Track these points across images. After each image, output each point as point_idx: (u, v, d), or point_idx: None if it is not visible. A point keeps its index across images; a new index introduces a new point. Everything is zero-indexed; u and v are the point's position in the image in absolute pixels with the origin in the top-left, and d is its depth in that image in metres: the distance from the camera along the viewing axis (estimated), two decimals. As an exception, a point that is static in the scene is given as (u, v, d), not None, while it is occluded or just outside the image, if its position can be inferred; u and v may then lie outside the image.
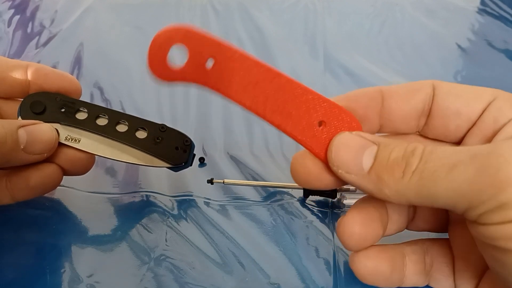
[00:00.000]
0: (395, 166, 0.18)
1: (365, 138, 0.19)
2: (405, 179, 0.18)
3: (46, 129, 0.24)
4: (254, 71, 0.19)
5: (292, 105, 0.19)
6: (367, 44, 0.45)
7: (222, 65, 0.18)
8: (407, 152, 0.18)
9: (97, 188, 0.30)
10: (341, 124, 0.20)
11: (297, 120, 0.20)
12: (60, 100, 0.26)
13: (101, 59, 0.43)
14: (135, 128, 0.26)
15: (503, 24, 0.48)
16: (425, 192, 0.17)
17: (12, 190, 0.25)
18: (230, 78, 0.18)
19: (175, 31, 0.17)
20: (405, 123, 0.22)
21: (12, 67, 0.25)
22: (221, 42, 0.18)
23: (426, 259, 0.22)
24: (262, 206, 0.29)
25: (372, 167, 0.18)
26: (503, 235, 0.16)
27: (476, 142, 0.21)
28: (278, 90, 0.19)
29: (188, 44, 0.18)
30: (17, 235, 0.27)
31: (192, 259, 0.25)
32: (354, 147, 0.19)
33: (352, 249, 0.21)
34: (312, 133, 0.20)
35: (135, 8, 0.50)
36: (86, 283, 0.24)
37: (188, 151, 0.27)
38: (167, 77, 0.18)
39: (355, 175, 0.19)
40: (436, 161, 0.17)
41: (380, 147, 0.19)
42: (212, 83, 0.19)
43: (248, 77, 0.19)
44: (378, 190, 0.18)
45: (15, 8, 0.50)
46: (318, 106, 0.20)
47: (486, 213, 0.16)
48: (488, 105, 0.20)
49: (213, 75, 0.18)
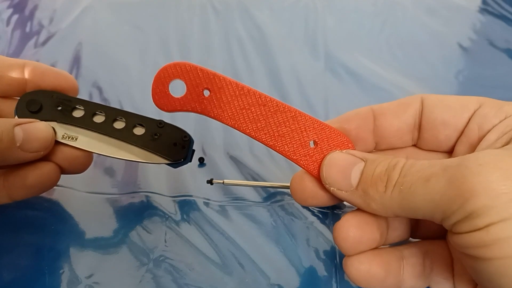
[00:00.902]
0: (378, 180, 0.19)
1: (354, 155, 0.20)
2: (387, 193, 0.18)
3: (42, 127, 0.24)
4: (246, 97, 0.21)
5: (285, 128, 0.21)
6: (368, 43, 0.45)
7: (216, 94, 0.20)
8: (389, 167, 0.19)
9: (95, 189, 0.30)
10: (333, 143, 0.21)
11: (290, 141, 0.21)
12: (56, 98, 0.26)
13: (100, 58, 0.42)
14: (132, 125, 0.26)
15: (504, 24, 0.48)
16: (405, 205, 0.18)
17: (9, 189, 0.25)
18: (224, 105, 0.21)
19: (173, 67, 0.20)
20: (398, 138, 0.23)
21: (9, 65, 0.25)
22: (215, 74, 0.20)
23: (425, 261, 0.22)
24: (262, 206, 0.29)
25: (359, 183, 0.20)
26: (472, 243, 0.16)
27: (464, 150, 0.21)
28: (271, 114, 0.21)
29: (185, 79, 0.20)
30: (15, 236, 0.26)
31: (191, 260, 0.25)
32: (343, 165, 0.20)
33: (347, 253, 0.21)
34: (305, 153, 0.21)
35: (134, 7, 0.50)
36: (85, 284, 0.24)
37: (187, 147, 0.26)
38: (169, 108, 0.21)
39: (345, 192, 0.20)
40: (413, 175, 0.18)
41: (367, 162, 0.20)
42: (209, 111, 0.21)
43: (241, 103, 0.21)
44: (366, 204, 0.19)
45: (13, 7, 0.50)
46: (311, 127, 0.21)
47: (457, 222, 0.17)
48: (473, 113, 0.21)
49: (209, 103, 0.21)
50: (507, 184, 0.16)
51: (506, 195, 0.16)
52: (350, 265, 0.21)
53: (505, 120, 0.20)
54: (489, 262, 0.16)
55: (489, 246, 0.16)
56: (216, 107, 0.21)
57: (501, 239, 0.16)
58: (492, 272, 0.16)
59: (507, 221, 0.15)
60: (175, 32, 0.46)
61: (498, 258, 0.16)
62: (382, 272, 0.21)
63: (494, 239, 0.16)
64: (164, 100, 0.21)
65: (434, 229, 0.23)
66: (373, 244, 0.21)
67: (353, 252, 0.21)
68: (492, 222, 0.16)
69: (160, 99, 0.21)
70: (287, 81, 0.39)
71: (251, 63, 0.41)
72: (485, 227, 0.16)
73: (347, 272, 0.22)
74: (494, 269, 0.16)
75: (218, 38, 0.45)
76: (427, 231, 0.23)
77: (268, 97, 0.21)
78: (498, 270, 0.16)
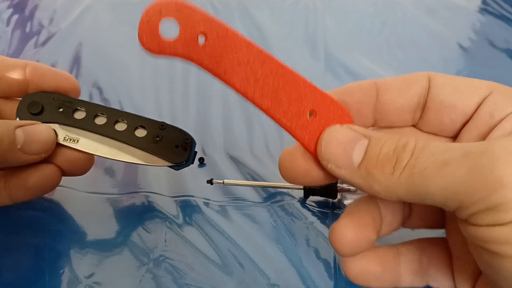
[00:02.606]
0: (386, 161, 0.17)
1: (356, 131, 0.19)
2: (395, 175, 0.17)
3: (43, 129, 0.24)
4: (245, 50, 0.18)
5: (283, 91, 0.19)
6: (368, 44, 0.45)
7: (213, 42, 0.18)
8: (398, 147, 0.17)
9: (96, 189, 0.30)
10: (333, 116, 0.19)
11: (287, 106, 0.19)
12: (57, 99, 0.26)
13: (100, 58, 0.42)
14: (134, 127, 0.26)
15: (504, 24, 0.48)
16: (415, 189, 0.17)
17: (10, 191, 0.25)
18: (220, 56, 0.18)
19: (165, 3, 0.17)
20: (400, 116, 0.21)
21: (10, 66, 0.25)
22: (213, 18, 0.18)
23: (422, 258, 0.22)
24: (262, 207, 0.29)
25: (362, 162, 0.18)
26: (493, 238, 0.15)
27: (472, 137, 0.20)
28: (269, 73, 0.19)
29: (179, 18, 0.18)
30: (16, 236, 0.27)
31: (191, 260, 0.25)
32: (345, 141, 0.18)
33: (346, 255, 0.21)
34: (302, 122, 0.19)
35: (134, 7, 0.50)
36: (85, 284, 0.24)
37: (189, 149, 0.26)
38: (157, 50, 0.18)
39: (345, 170, 0.18)
40: (427, 157, 0.16)
41: (371, 141, 0.18)
42: (202, 60, 0.18)
43: (239, 57, 0.18)
44: (368, 185, 0.18)
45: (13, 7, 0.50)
46: (310, 95, 0.19)
47: (477, 213, 0.16)
48: (483, 99, 0.20)
49: (203, 51, 0.18)
50: None
51: None
52: (347, 262, 0.21)
53: None
54: (509, 260, 0.15)
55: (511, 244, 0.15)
56: (210, 56, 0.18)
57: None
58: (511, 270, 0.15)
59: None
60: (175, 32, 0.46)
61: None
62: (379, 269, 0.21)
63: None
64: (152, 41, 0.18)
65: (427, 219, 0.22)
66: (369, 245, 0.21)
67: (350, 255, 0.21)
68: None
69: (148, 39, 0.18)
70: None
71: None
72: (509, 222, 0.15)
73: (343, 269, 0.21)
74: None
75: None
76: (419, 221, 0.23)
77: (268, 55, 0.19)
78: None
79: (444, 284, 0.22)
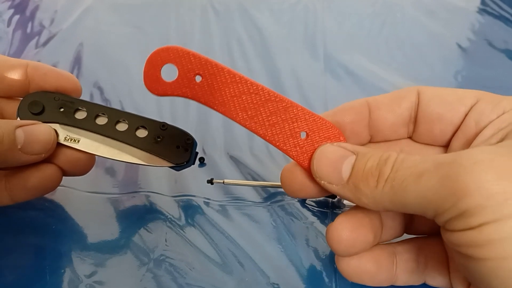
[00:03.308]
0: (369, 175, 0.18)
1: (345, 148, 0.20)
2: (378, 188, 0.18)
3: (44, 129, 0.24)
4: (238, 85, 0.20)
5: (276, 117, 0.21)
6: (367, 44, 0.45)
7: (208, 80, 0.20)
8: (381, 161, 0.18)
9: (96, 188, 0.30)
10: (325, 135, 0.21)
11: (281, 131, 0.21)
12: (58, 99, 0.26)
13: (101, 59, 0.43)
14: (135, 127, 0.26)
15: (503, 24, 0.48)
16: (397, 200, 0.18)
17: (11, 191, 0.25)
18: (216, 91, 0.20)
19: (165, 51, 0.20)
20: (393, 131, 0.22)
21: (12, 66, 0.25)
22: (207, 59, 0.20)
23: (419, 257, 0.22)
24: (262, 206, 0.29)
25: (350, 177, 0.19)
26: (465, 242, 0.16)
27: (460, 145, 0.21)
28: (262, 103, 0.21)
29: (177, 63, 0.20)
30: (16, 236, 0.27)
31: (191, 259, 0.25)
32: (334, 158, 0.20)
33: (341, 255, 0.22)
34: (296, 144, 0.21)
35: (135, 8, 0.50)
36: (86, 283, 0.24)
37: (190, 150, 0.26)
38: (160, 92, 0.21)
39: (336, 186, 0.20)
40: (405, 170, 0.18)
41: (358, 156, 0.19)
42: (200, 97, 0.20)
43: (233, 91, 0.20)
44: (357, 198, 0.19)
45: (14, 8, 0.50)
46: (303, 118, 0.21)
47: (450, 220, 0.17)
48: (470, 108, 0.20)
49: (200, 89, 0.20)
50: (500, 184, 0.15)
51: (500, 195, 0.15)
52: (342, 260, 0.22)
53: (503, 115, 0.20)
54: (481, 262, 0.16)
55: (481, 246, 0.16)
56: (207, 93, 0.20)
57: (493, 239, 0.15)
58: (484, 272, 0.16)
59: (500, 221, 0.15)
60: (175, 33, 0.46)
61: (490, 259, 0.16)
62: (373, 267, 0.22)
63: (487, 239, 0.16)
64: (155, 84, 0.20)
65: (429, 225, 0.23)
66: (366, 246, 0.21)
67: (347, 254, 0.21)
68: (485, 222, 0.15)
69: (151, 83, 0.20)
70: (286, 82, 0.39)
71: (251, 64, 0.42)
72: (478, 226, 0.16)
73: (338, 267, 0.22)
74: (486, 269, 0.16)
75: (218, 39, 0.45)
76: (422, 227, 0.23)
77: (260, 86, 0.20)
78: (490, 271, 0.16)
79: (441, 282, 0.22)
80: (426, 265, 0.22)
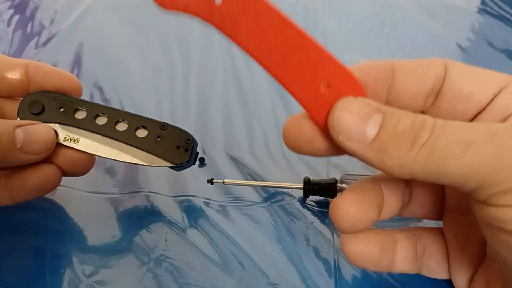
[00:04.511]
0: (403, 137, 0.17)
1: (371, 105, 0.18)
2: (412, 152, 0.16)
3: (43, 129, 0.24)
4: (266, 16, 0.17)
5: (299, 60, 0.18)
6: (368, 44, 0.45)
7: (231, 3, 0.17)
8: (416, 124, 0.17)
9: (96, 188, 0.30)
10: (347, 89, 0.19)
11: (301, 76, 0.18)
12: (58, 99, 0.26)
13: (101, 59, 0.43)
14: (135, 127, 0.26)
15: (503, 24, 0.48)
16: (433, 168, 0.16)
17: (10, 191, 0.25)
18: (237, 18, 0.17)
19: None
20: (412, 101, 0.20)
21: (12, 66, 0.25)
22: None
23: (418, 246, 0.22)
24: (262, 206, 0.29)
25: (376, 137, 0.17)
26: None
27: None
28: (287, 41, 0.18)
29: None
30: (16, 237, 0.27)
31: (191, 259, 0.25)
32: (359, 113, 0.18)
33: (345, 232, 0.20)
34: (315, 93, 0.19)
35: (135, 7, 0.50)
36: (86, 283, 0.24)
37: (190, 150, 0.26)
38: (169, 5, 0.17)
39: (356, 143, 0.18)
40: (449, 136, 0.16)
41: (386, 116, 0.18)
42: (217, 21, 0.17)
43: (258, 22, 0.17)
44: (380, 161, 0.17)
45: (14, 8, 0.50)
46: (326, 66, 0.18)
47: (499, 194, 0.15)
48: (500, 91, 0.19)
49: (220, 12, 0.17)
50: None
51: None
52: (349, 243, 0.21)
53: None
54: None
55: None
56: (227, 18, 0.17)
57: None
58: None
59: None
60: (175, 32, 0.46)
61: None
62: (378, 252, 0.21)
63: None
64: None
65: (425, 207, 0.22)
66: (370, 224, 0.20)
67: (350, 231, 0.20)
68: None
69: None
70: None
71: (251, 64, 0.42)
72: None
73: (343, 250, 0.21)
74: None
75: (218, 39, 0.45)
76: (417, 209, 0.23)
77: (290, 23, 0.17)
78: None
79: (436, 270, 0.22)
80: (423, 255, 0.22)
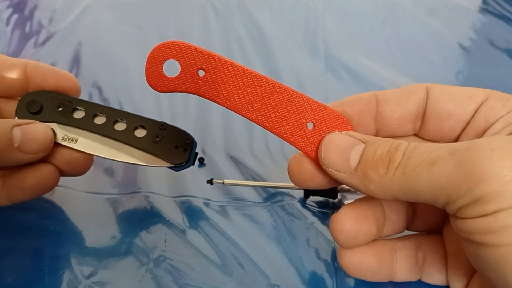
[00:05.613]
0: (379, 162, 0.19)
1: (353, 136, 0.20)
2: (388, 175, 0.18)
3: (41, 128, 0.24)
4: (242, 77, 0.20)
5: (282, 109, 0.21)
6: (368, 43, 0.45)
7: (212, 74, 0.20)
8: (391, 148, 0.19)
9: (95, 189, 0.30)
10: (332, 125, 0.21)
11: (287, 122, 0.21)
12: (57, 99, 0.26)
13: (99, 58, 0.42)
14: (134, 127, 0.26)
15: (505, 23, 0.48)
16: (407, 187, 0.18)
17: (8, 191, 0.25)
18: (219, 85, 0.20)
19: (166, 47, 0.19)
20: (400, 126, 0.22)
21: (11, 65, 0.25)
22: (210, 53, 0.20)
23: (418, 254, 0.23)
24: (263, 207, 0.29)
25: (358, 164, 0.19)
26: (478, 229, 0.16)
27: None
28: (267, 95, 0.20)
29: (179, 58, 0.20)
30: (15, 237, 0.26)
31: (191, 260, 0.25)
32: (342, 146, 0.20)
33: (343, 246, 0.21)
34: (303, 135, 0.21)
35: (134, 7, 0.50)
36: (85, 284, 0.24)
37: (189, 150, 0.26)
38: (163, 89, 0.20)
39: (343, 173, 0.20)
40: (417, 157, 0.17)
41: (367, 144, 0.19)
42: (204, 91, 0.20)
43: (237, 84, 0.20)
44: (365, 186, 0.19)
45: (13, 7, 0.50)
46: (309, 109, 0.21)
47: (463, 207, 0.16)
48: (480, 105, 0.21)
49: (204, 84, 0.20)
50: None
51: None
52: (344, 255, 0.22)
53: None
54: (495, 249, 0.16)
55: (496, 233, 0.16)
56: (211, 87, 0.20)
57: (509, 226, 0.15)
58: (497, 259, 0.16)
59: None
60: (175, 31, 0.46)
61: (504, 245, 0.16)
62: (375, 263, 0.22)
63: (502, 225, 0.15)
64: (158, 81, 0.20)
65: (430, 221, 0.23)
66: (369, 238, 0.21)
67: (349, 245, 0.21)
68: (502, 209, 0.15)
69: (154, 79, 0.20)
70: (287, 81, 0.39)
71: (251, 63, 0.41)
72: (493, 213, 0.16)
73: (340, 262, 0.22)
74: (499, 256, 0.16)
75: (218, 38, 0.45)
76: (423, 224, 0.23)
77: (264, 78, 0.20)
78: (503, 257, 0.16)
79: (437, 279, 0.22)
80: (424, 262, 0.23)
